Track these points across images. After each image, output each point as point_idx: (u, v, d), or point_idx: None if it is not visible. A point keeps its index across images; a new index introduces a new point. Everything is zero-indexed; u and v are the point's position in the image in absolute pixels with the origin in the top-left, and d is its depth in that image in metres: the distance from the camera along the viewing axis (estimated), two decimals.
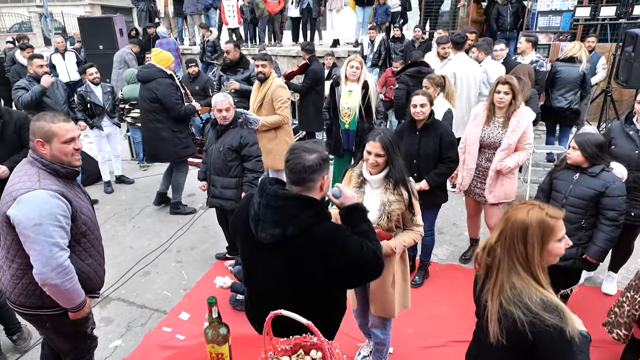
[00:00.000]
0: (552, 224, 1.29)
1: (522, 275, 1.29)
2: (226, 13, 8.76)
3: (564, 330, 1.21)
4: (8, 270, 1.75)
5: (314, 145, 1.47)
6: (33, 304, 1.76)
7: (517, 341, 1.27)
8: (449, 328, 2.80)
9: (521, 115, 2.92)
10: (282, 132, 4.03)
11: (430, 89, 3.48)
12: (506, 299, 1.29)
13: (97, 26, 7.85)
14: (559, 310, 1.23)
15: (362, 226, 1.51)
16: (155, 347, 2.68)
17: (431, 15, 8.66)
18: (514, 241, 1.31)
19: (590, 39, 5.65)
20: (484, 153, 3.11)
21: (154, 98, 3.99)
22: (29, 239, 1.60)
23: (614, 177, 2.35)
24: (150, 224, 4.29)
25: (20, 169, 1.72)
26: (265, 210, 1.43)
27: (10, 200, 1.62)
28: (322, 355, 1.28)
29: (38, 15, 14.70)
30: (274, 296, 1.47)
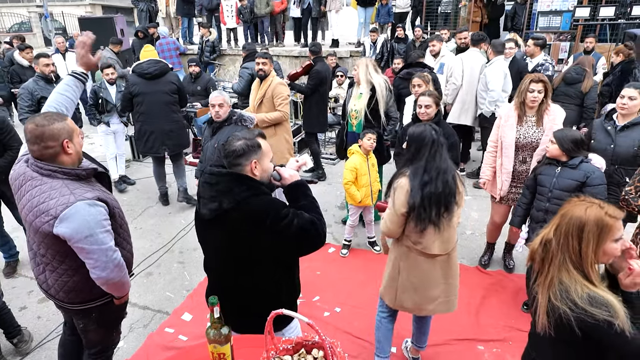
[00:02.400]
0: (611, 223, 1.29)
1: (571, 271, 1.30)
2: (224, 13, 8.78)
3: (612, 323, 1.22)
4: (54, 272, 1.79)
5: (244, 133, 1.65)
6: (84, 299, 1.84)
7: (565, 335, 1.29)
8: (451, 326, 2.82)
9: (554, 113, 2.89)
10: (281, 129, 4.08)
11: (423, 86, 3.53)
12: (554, 294, 1.30)
13: (98, 26, 7.84)
14: (609, 305, 1.24)
15: (302, 202, 1.65)
16: (157, 347, 2.70)
17: (432, 16, 8.67)
18: (568, 237, 1.31)
19: (589, 39, 5.68)
20: (517, 155, 3.00)
21: (175, 89, 4.25)
22: (84, 250, 1.67)
23: (593, 167, 2.47)
24: (152, 225, 4.31)
25: (40, 185, 1.66)
26: (203, 188, 1.61)
27: (50, 218, 1.61)
28: (324, 354, 1.30)
29: (38, 15, 14.71)
30: (222, 268, 1.68)
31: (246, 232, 1.54)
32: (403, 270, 2.21)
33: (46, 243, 1.73)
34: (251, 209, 1.54)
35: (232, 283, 1.67)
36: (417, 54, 4.74)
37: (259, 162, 1.61)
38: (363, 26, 8.39)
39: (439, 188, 1.97)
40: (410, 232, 2.10)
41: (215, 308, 1.31)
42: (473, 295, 3.11)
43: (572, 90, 4.31)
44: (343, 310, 3.01)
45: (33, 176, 1.67)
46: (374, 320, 2.88)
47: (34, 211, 1.65)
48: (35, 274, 1.89)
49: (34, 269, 1.89)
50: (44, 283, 1.86)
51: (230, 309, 1.61)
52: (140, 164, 5.94)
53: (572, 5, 6.78)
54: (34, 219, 1.66)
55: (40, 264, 1.84)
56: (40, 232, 1.67)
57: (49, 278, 1.82)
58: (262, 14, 8.49)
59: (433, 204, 1.98)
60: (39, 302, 3.14)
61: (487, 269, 3.48)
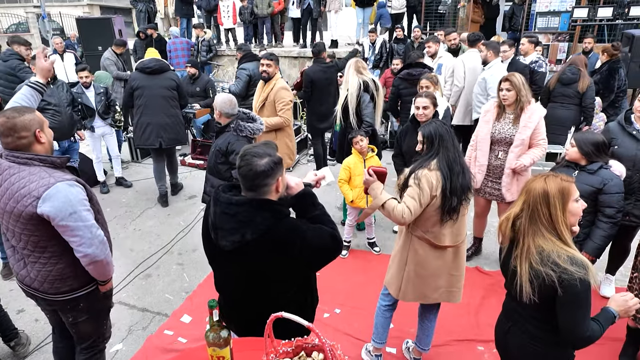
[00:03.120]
0: (568, 186, 1.48)
1: (547, 237, 1.46)
2: (221, 14, 8.78)
3: (588, 281, 1.39)
4: (36, 263, 1.80)
5: (265, 148, 1.46)
6: (71, 287, 1.85)
7: (548, 296, 1.44)
8: (451, 327, 2.83)
9: (532, 110, 2.95)
10: (282, 134, 4.03)
11: (431, 87, 3.53)
12: (535, 260, 1.45)
13: (96, 27, 7.85)
14: (585, 264, 1.41)
15: (314, 212, 1.58)
16: (156, 350, 2.69)
17: (430, 16, 8.68)
18: (537, 206, 1.48)
19: (587, 40, 5.69)
20: (494, 150, 3.12)
21: (175, 86, 4.45)
22: (69, 228, 1.70)
23: (612, 174, 2.40)
24: (151, 227, 4.30)
25: (18, 172, 1.69)
26: (221, 218, 1.45)
27: (33, 200, 1.65)
28: (324, 357, 1.29)
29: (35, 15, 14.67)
30: (241, 292, 1.55)
31: (271, 259, 1.46)
32: (410, 262, 2.23)
33: (27, 232, 1.73)
34: (277, 238, 1.43)
35: (251, 303, 1.56)
36: (417, 55, 4.74)
37: (282, 177, 1.49)
38: (361, 27, 8.40)
39: (466, 180, 2.04)
40: (425, 221, 2.09)
41: (214, 311, 1.30)
42: (473, 295, 3.11)
43: (570, 91, 4.35)
44: (343, 312, 3.00)
45: (10, 166, 1.71)
46: (373, 322, 2.88)
47: (15, 197, 1.68)
48: (16, 271, 1.87)
49: (14, 266, 1.87)
50: (26, 278, 1.84)
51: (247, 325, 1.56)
52: (138, 165, 5.93)
53: (570, 6, 6.80)
54: (15, 205, 1.68)
55: (20, 260, 1.83)
56: (22, 219, 1.69)
57: (31, 271, 1.82)
58: (264, 15, 8.48)
59: (459, 195, 2.02)
60: (36, 305, 3.11)
61: (468, 261, 3.49)
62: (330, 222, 1.59)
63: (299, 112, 6.94)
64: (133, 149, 6.03)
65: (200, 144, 5.96)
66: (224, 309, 1.66)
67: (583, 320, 1.42)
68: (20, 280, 1.90)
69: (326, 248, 1.51)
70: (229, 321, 1.65)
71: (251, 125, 2.99)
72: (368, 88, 3.74)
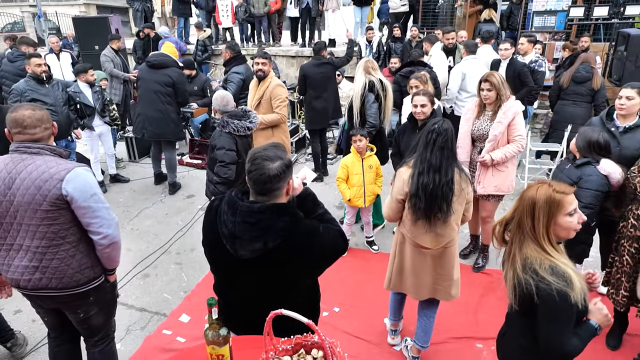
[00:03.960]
0: (559, 198, 1.39)
1: (531, 246, 1.42)
2: (220, 13, 8.76)
3: (568, 294, 1.32)
4: (53, 259, 1.82)
5: (275, 151, 1.44)
6: (88, 277, 1.91)
7: (527, 305, 1.39)
8: (450, 324, 2.84)
9: (508, 107, 2.98)
10: (279, 131, 4.05)
11: (420, 87, 3.54)
12: (519, 268, 1.41)
13: (92, 26, 7.80)
14: (566, 276, 1.34)
15: (317, 211, 1.60)
16: (155, 350, 2.68)
17: (427, 15, 8.69)
18: (523, 217, 1.44)
19: (583, 39, 5.72)
20: (476, 147, 3.18)
21: (170, 82, 4.50)
22: (90, 209, 1.79)
23: (594, 171, 2.40)
24: (148, 226, 4.29)
25: (33, 162, 1.76)
26: (241, 227, 1.41)
27: (56, 182, 1.72)
28: (324, 354, 1.30)
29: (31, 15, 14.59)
30: (261, 306, 1.44)
31: (291, 264, 1.45)
32: (398, 254, 2.35)
33: (47, 223, 1.76)
34: (296, 242, 1.42)
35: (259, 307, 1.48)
36: (418, 53, 4.80)
37: (291, 180, 1.49)
38: (359, 26, 8.40)
39: (430, 182, 2.02)
40: (405, 219, 2.20)
41: (213, 309, 1.30)
42: (471, 293, 3.12)
43: (583, 89, 4.40)
44: (342, 310, 3.01)
45: (23, 157, 1.77)
46: (373, 320, 2.89)
47: (36, 183, 1.72)
48: (25, 279, 1.83)
49: (22, 275, 1.82)
50: (37, 281, 1.83)
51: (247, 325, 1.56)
52: (136, 165, 5.91)
53: (566, 5, 6.83)
54: (37, 192, 1.72)
55: (30, 265, 1.81)
56: (44, 206, 1.73)
57: (46, 272, 1.82)
58: (261, 14, 8.47)
59: (428, 197, 2.04)
60: (34, 306, 3.10)
61: (466, 259, 3.56)
62: (333, 220, 1.61)
63: (297, 111, 6.93)
64: (131, 149, 6.01)
65: (198, 143, 5.94)
66: (224, 310, 1.63)
67: (559, 334, 1.36)
68: (27, 288, 1.86)
69: (338, 248, 1.55)
70: (228, 322, 1.63)
71: (236, 122, 3.00)
72: (373, 88, 3.74)
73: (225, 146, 2.94)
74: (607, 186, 2.40)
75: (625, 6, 5.54)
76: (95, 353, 2.13)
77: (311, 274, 1.60)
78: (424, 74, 3.73)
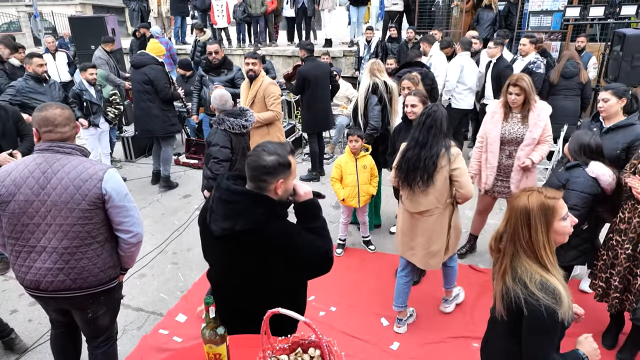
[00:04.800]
0: (552, 204, 1.37)
1: (524, 259, 1.38)
2: (215, 13, 8.76)
3: (556, 311, 1.29)
4: (82, 259, 1.85)
5: (277, 148, 1.48)
6: (109, 276, 1.96)
7: (515, 317, 1.37)
8: (446, 324, 2.84)
9: (540, 109, 2.97)
10: (274, 129, 4.07)
11: (413, 88, 3.56)
12: (508, 280, 1.38)
13: (89, 26, 7.77)
14: (556, 293, 1.31)
15: (314, 224, 1.56)
16: (152, 349, 2.67)
17: (424, 16, 8.70)
18: (518, 227, 1.38)
19: (580, 39, 5.75)
20: (504, 150, 3.13)
21: (147, 80, 4.60)
22: (124, 208, 1.87)
23: (581, 173, 2.40)
24: (145, 226, 4.19)
25: (68, 162, 1.80)
26: (217, 204, 1.48)
27: (96, 181, 1.79)
28: (321, 352, 1.29)
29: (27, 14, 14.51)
30: (229, 283, 1.56)
31: (257, 255, 1.47)
32: (399, 220, 2.75)
33: (82, 222, 1.79)
34: (266, 235, 1.44)
35: (241, 296, 1.58)
36: (415, 53, 4.83)
37: (285, 181, 1.48)
38: (356, 26, 8.41)
39: (415, 156, 2.39)
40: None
41: (210, 308, 1.29)
42: (467, 293, 3.12)
43: (572, 83, 4.75)
44: (338, 310, 3.01)
45: (58, 157, 1.80)
46: (369, 319, 2.90)
47: (75, 183, 1.76)
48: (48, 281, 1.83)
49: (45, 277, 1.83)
50: (63, 283, 1.84)
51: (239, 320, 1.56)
52: (132, 165, 5.89)
53: (562, 5, 6.87)
54: (76, 192, 1.76)
55: (54, 267, 1.81)
56: (83, 205, 1.77)
57: (70, 273, 1.84)
58: (258, 14, 8.47)
59: (409, 168, 2.42)
60: (29, 305, 3.09)
61: (463, 259, 3.54)
62: (327, 237, 1.57)
63: (293, 111, 6.93)
64: (127, 148, 5.99)
65: (194, 143, 5.93)
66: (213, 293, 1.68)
67: (543, 350, 1.35)
68: (44, 288, 1.85)
69: (315, 261, 1.51)
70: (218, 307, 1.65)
71: (231, 120, 3.03)
72: (377, 90, 3.72)
73: (219, 143, 2.98)
74: (596, 188, 2.36)
75: (620, 6, 5.57)
76: (98, 355, 2.14)
77: (289, 278, 1.55)
78: (416, 75, 3.74)
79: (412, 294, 3.14)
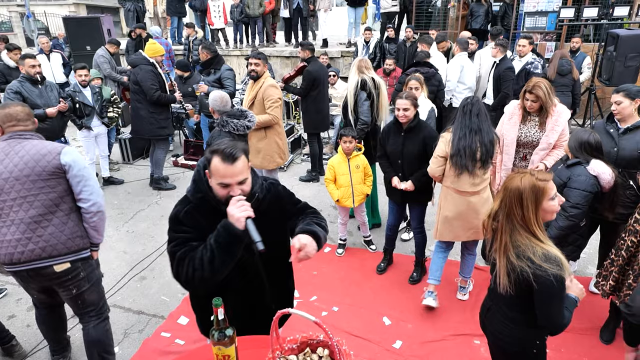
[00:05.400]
0: (542, 186, 1.53)
1: (522, 234, 1.53)
2: (212, 13, 8.72)
3: (563, 277, 1.47)
4: (49, 226, 2.02)
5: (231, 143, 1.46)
6: (78, 245, 2.11)
7: (523, 290, 1.52)
8: (447, 322, 2.86)
9: (558, 113, 2.93)
10: (272, 132, 4.02)
11: (420, 88, 3.58)
12: (512, 255, 1.53)
13: (84, 26, 7.72)
14: (559, 260, 1.48)
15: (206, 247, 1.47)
16: (154, 352, 2.66)
17: (421, 16, 8.74)
18: (512, 206, 1.54)
19: (575, 39, 5.81)
20: (519, 152, 3.11)
21: (135, 81, 4.62)
22: (84, 178, 2.07)
23: (582, 171, 2.42)
24: (144, 228, 4.25)
25: (29, 143, 2.04)
26: None
27: (54, 155, 2.01)
28: (329, 352, 1.30)
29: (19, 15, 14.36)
30: None
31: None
32: (443, 207, 2.83)
33: (46, 190, 2.00)
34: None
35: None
36: (425, 54, 4.88)
37: (210, 175, 1.46)
38: (353, 26, 8.42)
39: (472, 143, 2.56)
40: (447, 174, 2.74)
41: (219, 309, 1.30)
42: None
43: (567, 80, 5.03)
44: (341, 310, 3.02)
45: (19, 141, 2.04)
46: (372, 319, 2.91)
47: (35, 158, 1.99)
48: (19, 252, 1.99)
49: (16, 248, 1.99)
50: (33, 252, 1.99)
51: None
52: (130, 167, 5.86)
53: (557, 6, 6.94)
54: (36, 164, 1.98)
55: (22, 237, 1.98)
56: (43, 175, 1.98)
57: (39, 242, 2.00)
58: (256, 15, 8.45)
59: (467, 156, 2.58)
60: (27, 310, 3.06)
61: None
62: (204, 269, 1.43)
63: (292, 112, 6.92)
64: (124, 150, 5.95)
65: (192, 145, 5.91)
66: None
67: (559, 311, 1.52)
68: (17, 260, 1.99)
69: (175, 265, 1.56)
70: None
71: (235, 121, 3.04)
72: (365, 86, 3.77)
73: None
74: (597, 187, 2.40)
75: (614, 7, 5.65)
76: (90, 329, 2.24)
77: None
78: (419, 76, 3.77)
79: (414, 292, 3.17)
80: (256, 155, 3.97)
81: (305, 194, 4.89)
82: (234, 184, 1.43)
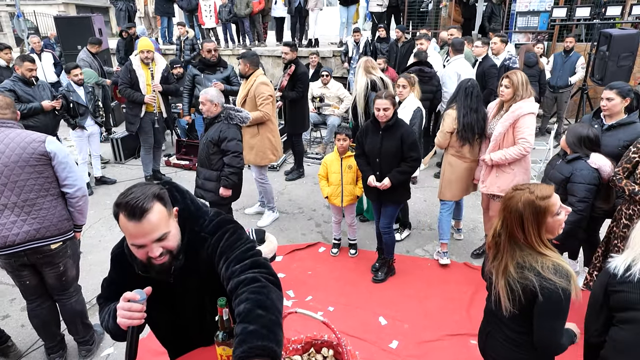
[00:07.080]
0: (543, 205, 1.43)
1: (526, 252, 1.46)
2: (203, 13, 8.66)
3: (569, 291, 1.39)
4: (41, 209, 2.17)
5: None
6: (66, 227, 2.27)
7: (529, 302, 1.43)
8: (443, 322, 2.86)
9: (516, 107, 2.90)
10: (264, 129, 4.02)
11: (408, 87, 3.65)
12: (512, 277, 1.44)
13: (75, 26, 7.61)
14: (569, 274, 1.40)
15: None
16: (149, 353, 2.61)
17: (413, 16, 8.78)
18: (513, 229, 1.47)
19: (568, 39, 5.88)
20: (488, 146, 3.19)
21: (117, 79, 4.88)
22: (68, 165, 2.20)
23: (584, 165, 2.45)
24: None
25: (12, 131, 2.14)
26: None
27: (39, 143, 2.12)
28: (334, 352, 1.29)
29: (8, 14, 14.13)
30: None
31: None
32: (446, 172, 3.38)
33: (35, 175, 2.12)
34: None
35: None
36: (426, 54, 4.90)
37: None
38: (345, 26, 8.41)
39: (472, 120, 3.11)
40: (453, 144, 3.26)
41: (224, 310, 1.27)
42: (464, 291, 3.16)
43: (534, 71, 5.50)
44: (336, 309, 3.01)
45: (2, 130, 2.14)
46: (368, 318, 2.90)
47: (21, 145, 2.09)
48: (14, 234, 2.10)
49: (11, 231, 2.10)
50: (28, 233, 2.13)
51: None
52: (122, 166, 5.79)
53: (549, 6, 7.01)
54: (23, 152, 2.08)
55: (17, 219, 2.11)
56: (31, 161, 2.09)
57: (33, 223, 2.14)
58: (242, 15, 8.40)
59: (469, 130, 3.13)
60: (22, 309, 3.01)
61: (478, 259, 3.57)
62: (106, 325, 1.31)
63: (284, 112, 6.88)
64: (116, 150, 5.88)
65: (185, 144, 5.85)
66: None
67: (561, 328, 1.44)
68: (11, 242, 2.10)
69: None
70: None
71: (240, 114, 3.24)
72: (375, 87, 3.80)
73: (236, 137, 3.17)
74: (599, 179, 2.45)
75: (606, 7, 5.71)
76: (72, 304, 2.45)
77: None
78: (413, 76, 3.79)
79: (410, 292, 3.17)
80: (249, 151, 3.99)
81: (298, 194, 4.88)
82: (149, 243, 1.15)
